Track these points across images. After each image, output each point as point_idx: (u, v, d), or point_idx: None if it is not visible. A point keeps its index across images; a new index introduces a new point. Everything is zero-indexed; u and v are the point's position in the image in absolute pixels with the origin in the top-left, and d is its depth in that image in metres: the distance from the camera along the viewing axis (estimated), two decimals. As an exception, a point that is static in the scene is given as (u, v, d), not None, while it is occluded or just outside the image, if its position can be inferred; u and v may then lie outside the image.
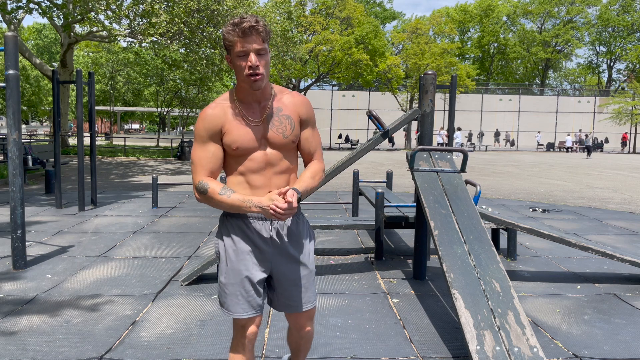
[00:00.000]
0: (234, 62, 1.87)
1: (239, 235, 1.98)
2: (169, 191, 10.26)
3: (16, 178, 4.55)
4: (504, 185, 12.54)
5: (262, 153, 1.95)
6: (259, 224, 1.97)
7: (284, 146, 1.97)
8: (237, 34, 1.80)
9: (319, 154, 2.10)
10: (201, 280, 4.31)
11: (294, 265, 2.04)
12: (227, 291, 1.99)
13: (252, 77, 1.83)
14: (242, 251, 1.98)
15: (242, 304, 1.98)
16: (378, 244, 5.14)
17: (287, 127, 1.96)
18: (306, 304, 2.09)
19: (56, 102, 7.84)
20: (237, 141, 1.91)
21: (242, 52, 1.82)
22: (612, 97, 40.64)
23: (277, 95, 1.99)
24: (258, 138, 1.93)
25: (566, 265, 5.08)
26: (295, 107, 1.99)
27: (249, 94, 1.92)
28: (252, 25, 1.79)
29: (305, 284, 2.07)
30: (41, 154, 13.25)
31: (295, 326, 2.17)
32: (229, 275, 1.99)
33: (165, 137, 32.54)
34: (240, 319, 2.01)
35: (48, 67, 20.25)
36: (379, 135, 4.45)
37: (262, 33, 1.81)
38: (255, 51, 1.82)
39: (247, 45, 1.81)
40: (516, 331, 2.71)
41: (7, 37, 4.50)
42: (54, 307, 3.67)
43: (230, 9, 15.63)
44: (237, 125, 1.92)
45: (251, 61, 1.81)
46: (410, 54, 34.46)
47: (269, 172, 1.95)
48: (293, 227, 2.04)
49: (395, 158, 23.49)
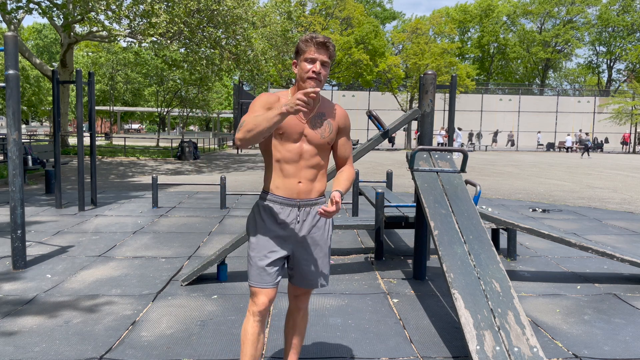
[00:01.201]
0: (301, 65, 2.21)
1: (268, 217, 2.29)
2: (169, 191, 10.26)
3: (16, 178, 4.55)
4: (504, 185, 12.54)
5: (299, 146, 2.24)
6: (288, 210, 2.27)
7: (319, 145, 2.27)
8: (312, 44, 2.18)
9: (351, 160, 2.46)
10: (201, 280, 4.31)
11: (313, 248, 2.34)
12: (254, 263, 2.29)
13: (311, 79, 2.18)
14: (269, 231, 2.28)
15: (264, 275, 2.27)
16: (378, 244, 5.14)
17: (326, 130, 2.28)
18: (320, 283, 2.39)
19: (56, 102, 7.84)
20: (284, 126, 2.21)
21: (312, 59, 2.18)
22: (612, 97, 40.65)
23: (324, 104, 2.32)
24: (299, 132, 2.24)
25: (566, 265, 5.08)
26: (337, 116, 2.35)
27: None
28: (325, 42, 2.19)
29: (321, 264, 2.37)
30: (41, 154, 13.25)
31: (295, 300, 2.46)
32: (257, 250, 2.29)
33: (165, 137, 32.53)
34: (255, 289, 2.29)
35: (48, 67, 20.25)
36: (378, 135, 4.45)
37: (330, 50, 2.21)
38: (321, 61, 2.19)
39: (317, 54, 2.18)
40: (516, 331, 2.71)
41: (7, 37, 4.50)
42: (54, 307, 3.67)
43: (230, 9, 15.63)
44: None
45: (316, 67, 2.18)
46: (410, 54, 34.47)
47: (301, 164, 2.25)
48: (315, 214, 2.31)
49: (395, 158, 23.49)
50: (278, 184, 2.26)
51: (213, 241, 5.85)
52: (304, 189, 2.26)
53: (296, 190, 2.25)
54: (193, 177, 13.56)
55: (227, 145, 33.31)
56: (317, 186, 2.30)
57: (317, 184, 2.30)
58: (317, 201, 2.31)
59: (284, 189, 2.25)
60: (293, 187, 2.25)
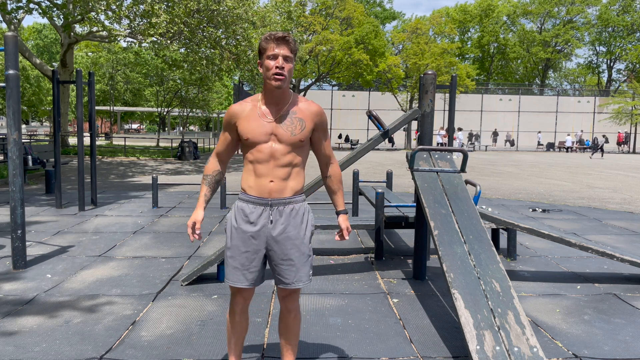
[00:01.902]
0: (264, 64, 2.22)
1: (241, 217, 2.33)
2: (169, 191, 10.26)
3: (16, 178, 4.55)
4: (504, 185, 12.54)
5: (269, 146, 2.26)
6: (260, 209, 2.30)
7: (292, 143, 2.27)
8: (271, 40, 2.20)
9: (334, 156, 2.49)
10: (201, 280, 4.31)
11: (288, 247, 2.32)
12: (229, 263, 2.37)
13: (276, 75, 2.19)
14: (243, 231, 2.32)
15: (239, 275, 2.35)
16: (378, 244, 5.14)
17: (296, 127, 2.27)
18: (297, 282, 2.36)
19: (56, 102, 7.84)
20: (248, 133, 2.27)
21: (273, 55, 2.19)
22: (612, 97, 40.64)
23: (295, 102, 2.32)
24: (267, 133, 2.26)
25: (566, 265, 5.08)
26: (310, 113, 2.33)
27: (271, 95, 2.27)
28: (284, 36, 2.20)
29: (297, 264, 2.34)
30: (41, 154, 13.26)
31: (283, 301, 2.44)
32: (231, 250, 2.36)
33: (165, 137, 32.52)
34: (233, 287, 2.40)
35: (48, 67, 20.24)
36: (378, 135, 4.45)
37: (291, 44, 2.22)
38: (283, 56, 2.19)
39: (277, 50, 2.19)
40: (516, 331, 2.71)
41: (7, 37, 4.50)
42: (54, 307, 3.67)
43: (230, 9, 15.63)
44: (252, 120, 2.28)
45: (279, 62, 2.18)
46: (410, 54, 34.45)
47: (272, 163, 2.27)
48: (290, 212, 2.32)
49: (395, 158, 23.49)
50: (251, 184, 2.30)
51: (213, 241, 5.85)
52: (276, 188, 2.27)
53: (267, 190, 2.27)
54: (193, 177, 13.56)
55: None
56: (291, 184, 2.30)
57: (291, 182, 2.30)
58: (292, 200, 2.32)
59: (256, 189, 2.29)
60: (265, 186, 2.27)
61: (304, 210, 2.37)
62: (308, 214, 2.39)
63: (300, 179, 2.34)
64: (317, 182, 4.26)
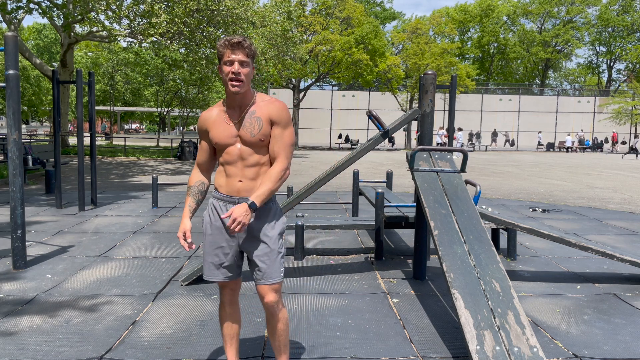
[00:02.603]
0: (222, 69, 2.26)
1: (215, 214, 2.41)
2: (169, 191, 10.26)
3: (16, 178, 4.55)
4: (504, 185, 12.54)
5: (236, 148, 2.33)
6: (229, 206, 2.35)
7: (254, 144, 2.31)
8: (227, 46, 2.21)
9: (284, 154, 2.34)
10: (201, 280, 4.31)
11: (257, 243, 2.37)
12: (205, 258, 2.46)
13: (232, 81, 2.23)
14: (215, 227, 2.41)
15: (213, 269, 2.43)
16: (378, 244, 5.14)
17: (255, 127, 2.30)
18: (267, 279, 2.37)
19: (56, 102, 7.84)
20: (215, 137, 2.34)
21: (229, 61, 2.22)
22: (612, 97, 40.64)
23: (257, 102, 2.35)
24: (233, 136, 2.33)
25: (566, 265, 5.08)
26: (267, 110, 2.32)
27: (232, 99, 2.31)
28: (239, 41, 2.21)
29: (267, 260, 2.36)
30: (41, 154, 13.25)
31: (261, 299, 2.44)
32: (205, 246, 2.45)
33: (165, 137, 32.53)
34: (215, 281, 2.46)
35: (48, 67, 20.24)
36: (378, 135, 4.45)
37: (247, 49, 2.23)
38: (239, 61, 2.22)
39: (232, 56, 2.22)
40: (516, 331, 2.71)
41: (7, 37, 4.50)
42: (54, 307, 3.67)
43: (229, 9, 15.63)
44: (218, 125, 2.34)
45: (234, 68, 2.21)
46: (410, 54, 34.44)
47: (240, 164, 2.33)
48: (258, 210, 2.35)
49: (395, 158, 23.48)
50: (221, 183, 2.38)
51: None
52: (244, 187, 2.33)
53: (236, 189, 2.34)
54: (193, 177, 13.54)
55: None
56: (258, 184, 2.34)
57: (258, 182, 2.35)
58: None
59: (226, 188, 2.36)
60: (234, 186, 2.34)
61: (273, 209, 2.41)
62: (277, 212, 2.43)
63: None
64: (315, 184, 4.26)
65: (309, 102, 37.50)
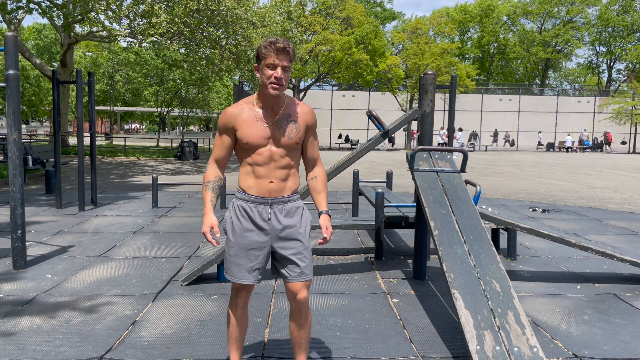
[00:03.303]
0: (263, 71, 2.26)
1: (244, 216, 2.38)
2: (169, 191, 10.26)
3: (16, 178, 4.55)
4: (504, 185, 12.54)
5: (268, 149, 2.33)
6: (261, 208, 2.36)
7: (288, 146, 2.35)
8: (272, 50, 2.23)
9: (320, 158, 2.55)
10: (201, 280, 4.31)
11: (292, 241, 2.39)
12: (231, 260, 2.41)
13: (273, 84, 2.25)
14: (245, 229, 2.37)
15: (244, 272, 2.39)
16: (378, 244, 5.14)
17: (292, 131, 2.35)
18: (304, 276, 2.40)
19: (56, 102, 7.84)
20: (247, 137, 2.31)
21: (272, 65, 2.24)
22: (612, 97, 40.63)
23: (289, 104, 2.38)
24: (266, 137, 2.32)
25: (566, 265, 5.08)
26: (303, 115, 2.40)
27: (267, 100, 2.32)
28: (285, 47, 2.24)
29: (304, 258, 2.41)
30: (41, 154, 13.25)
31: (292, 296, 2.44)
32: (234, 249, 2.40)
33: (165, 137, 32.52)
34: (236, 284, 2.44)
35: (48, 67, 20.23)
36: (378, 135, 4.45)
37: (290, 55, 2.27)
38: (282, 67, 2.25)
39: (277, 61, 2.23)
40: (516, 331, 2.71)
41: (7, 37, 4.50)
42: (54, 307, 3.67)
43: (229, 9, 15.63)
44: (251, 125, 2.32)
45: (277, 73, 2.24)
46: (410, 54, 34.44)
47: (272, 165, 2.34)
48: (289, 209, 2.40)
49: (395, 158, 23.48)
50: (251, 184, 2.36)
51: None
52: (276, 188, 2.35)
53: (268, 190, 2.34)
54: (193, 177, 13.56)
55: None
56: (289, 184, 2.39)
57: (289, 183, 2.39)
58: (290, 198, 2.41)
59: (256, 189, 2.35)
60: (265, 187, 2.34)
61: (303, 208, 2.47)
62: (305, 211, 2.48)
63: (296, 179, 2.44)
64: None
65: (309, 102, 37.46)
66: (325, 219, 2.45)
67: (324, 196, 2.50)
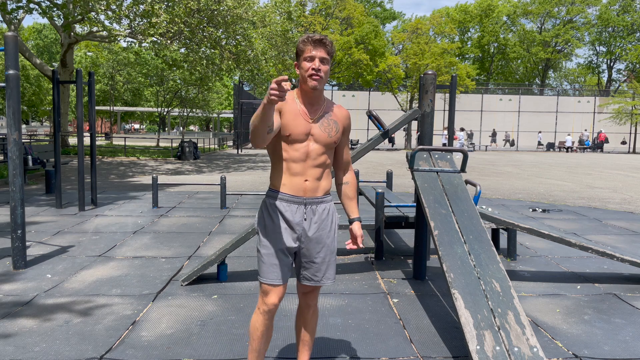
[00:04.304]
0: (301, 65, 2.25)
1: (276, 214, 2.32)
2: (169, 191, 10.26)
3: (16, 178, 4.55)
4: (504, 185, 12.54)
5: (306, 145, 2.28)
6: (295, 207, 2.31)
7: (327, 144, 2.32)
8: (309, 43, 2.22)
9: (350, 161, 2.54)
10: (201, 280, 4.31)
11: (321, 246, 2.36)
12: (265, 260, 2.32)
13: (313, 76, 2.21)
14: (279, 228, 2.31)
15: (276, 271, 2.31)
16: (378, 244, 5.14)
17: (332, 129, 2.33)
18: (326, 280, 2.42)
19: (56, 102, 7.84)
20: (290, 128, 2.25)
21: (310, 57, 2.22)
22: (612, 97, 40.63)
23: (328, 104, 2.37)
24: (306, 133, 2.28)
25: (566, 265, 5.08)
26: (342, 117, 2.39)
27: (308, 96, 2.29)
28: (321, 39, 2.22)
29: (328, 262, 2.40)
30: (41, 154, 13.24)
31: (305, 297, 2.46)
32: (266, 247, 2.32)
33: (165, 137, 32.53)
34: (266, 286, 2.32)
35: (48, 67, 20.24)
36: (378, 135, 4.45)
37: (328, 47, 2.24)
38: (320, 58, 2.22)
39: (314, 52, 2.22)
40: (516, 331, 2.71)
41: (7, 37, 4.50)
42: (54, 307, 3.67)
43: (230, 9, 15.63)
44: (294, 116, 2.27)
45: (315, 64, 2.21)
46: (410, 54, 34.45)
47: (307, 163, 2.30)
48: (322, 213, 2.36)
49: (395, 158, 23.48)
50: (285, 182, 2.30)
51: (213, 241, 5.85)
52: (310, 187, 2.30)
53: (302, 188, 2.29)
54: (193, 177, 13.56)
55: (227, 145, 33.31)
56: (323, 184, 2.35)
57: (324, 182, 2.35)
58: (323, 199, 2.36)
59: (290, 187, 2.29)
60: (300, 185, 2.29)
61: (333, 210, 2.44)
62: (335, 213, 2.45)
63: (330, 179, 2.40)
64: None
65: (309, 102, 37.45)
66: (358, 226, 2.44)
67: (355, 203, 2.49)
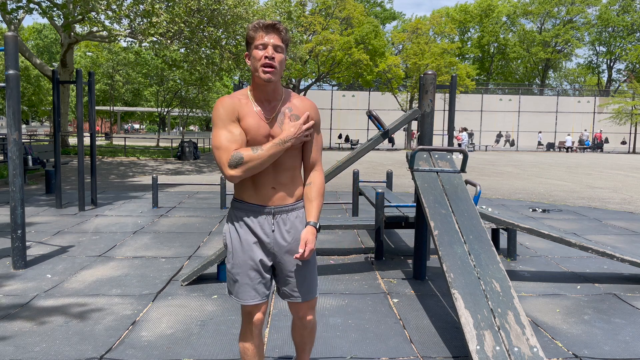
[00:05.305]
0: (252, 54, 1.98)
1: (244, 228, 2.10)
2: (169, 191, 10.26)
3: (16, 178, 4.55)
4: (504, 185, 12.54)
5: None
6: (262, 218, 2.08)
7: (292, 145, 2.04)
8: (260, 29, 1.96)
9: (320, 161, 2.19)
10: (201, 280, 4.31)
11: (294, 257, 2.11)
12: (235, 279, 2.11)
13: (265, 67, 1.94)
14: (247, 242, 2.09)
15: (249, 291, 2.10)
16: (378, 244, 5.14)
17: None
18: (306, 295, 2.18)
19: (56, 102, 7.84)
20: (250, 132, 1.99)
21: (262, 44, 1.95)
22: (612, 97, 40.63)
23: (287, 98, 2.09)
24: (265, 135, 2.02)
25: (566, 265, 5.08)
26: (305, 109, 2.10)
27: (262, 91, 2.02)
28: (274, 24, 1.96)
29: (305, 274, 2.16)
30: (41, 154, 13.25)
31: (297, 315, 2.26)
32: (236, 265, 2.11)
33: (165, 137, 32.53)
34: (247, 306, 2.12)
35: (48, 67, 20.24)
36: (378, 135, 4.45)
37: (282, 33, 1.98)
38: (273, 45, 1.95)
39: (266, 39, 1.95)
40: (516, 331, 2.71)
41: (7, 37, 4.50)
42: (53, 307, 3.67)
43: (230, 9, 15.62)
44: (251, 118, 2.01)
45: (268, 52, 1.94)
46: (410, 54, 34.46)
47: (272, 168, 2.04)
48: (294, 221, 2.13)
49: (395, 158, 23.48)
50: (250, 191, 2.07)
51: (213, 241, 5.85)
52: (278, 194, 2.07)
53: (269, 197, 2.06)
54: (193, 177, 13.56)
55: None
56: (293, 190, 2.11)
57: (293, 188, 2.11)
58: (295, 206, 2.12)
59: (256, 197, 2.06)
60: (266, 194, 2.05)
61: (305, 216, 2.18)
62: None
63: (300, 182, 2.16)
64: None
65: (309, 102, 37.47)
66: (309, 231, 2.06)
67: (315, 205, 2.11)
